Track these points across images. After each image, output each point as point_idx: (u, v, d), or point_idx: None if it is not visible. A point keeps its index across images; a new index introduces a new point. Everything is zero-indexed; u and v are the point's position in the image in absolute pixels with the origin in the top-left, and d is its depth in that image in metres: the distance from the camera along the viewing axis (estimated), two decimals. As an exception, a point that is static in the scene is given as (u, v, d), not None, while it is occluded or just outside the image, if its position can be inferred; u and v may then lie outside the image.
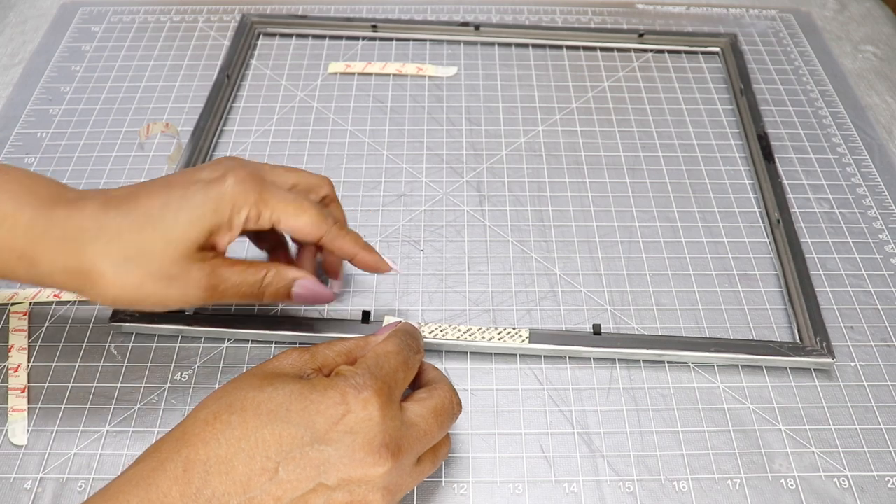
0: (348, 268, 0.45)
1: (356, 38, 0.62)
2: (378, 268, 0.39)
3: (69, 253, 0.32)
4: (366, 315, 0.42)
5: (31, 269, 0.32)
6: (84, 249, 0.32)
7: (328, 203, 0.39)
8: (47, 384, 0.40)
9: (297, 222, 0.35)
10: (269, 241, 0.41)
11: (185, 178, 0.34)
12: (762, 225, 0.48)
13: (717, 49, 0.61)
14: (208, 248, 0.34)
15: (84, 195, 0.33)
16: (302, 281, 0.36)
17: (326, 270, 0.42)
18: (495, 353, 0.41)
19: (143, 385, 0.40)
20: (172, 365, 0.40)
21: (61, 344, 0.41)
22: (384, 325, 0.38)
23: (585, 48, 0.61)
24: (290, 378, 0.31)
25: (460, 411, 0.34)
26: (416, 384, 0.35)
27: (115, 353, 0.41)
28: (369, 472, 0.29)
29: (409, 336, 0.34)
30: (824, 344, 0.41)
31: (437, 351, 0.41)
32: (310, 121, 0.55)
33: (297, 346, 0.39)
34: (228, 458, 0.28)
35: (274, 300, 0.36)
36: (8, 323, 0.42)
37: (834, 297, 0.45)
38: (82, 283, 0.32)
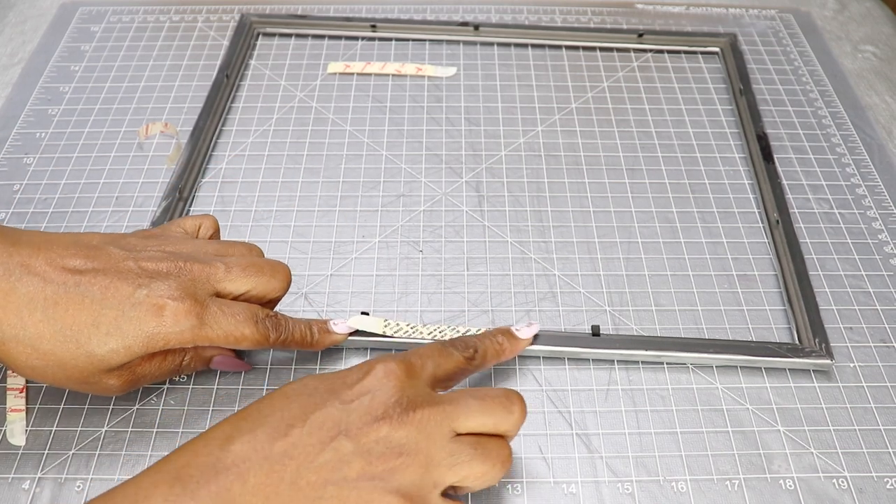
0: (338, 276, 0.45)
1: (355, 38, 0.61)
2: (332, 343, 0.39)
3: None
4: (364, 314, 0.42)
5: None
6: (2, 337, 0.31)
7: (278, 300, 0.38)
8: (45, 384, 0.40)
9: (236, 347, 0.35)
10: None
11: (123, 290, 0.33)
12: (761, 225, 0.48)
13: (716, 49, 0.61)
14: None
15: (16, 273, 0.32)
16: (218, 358, 0.38)
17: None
18: (494, 354, 0.41)
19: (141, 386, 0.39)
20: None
21: (60, 344, 0.41)
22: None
23: (585, 48, 0.61)
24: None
25: (520, 417, 0.32)
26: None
27: (114, 353, 0.41)
28: (384, 429, 0.29)
29: (459, 339, 0.36)
30: (823, 345, 0.41)
31: (435, 351, 0.41)
32: (309, 121, 0.55)
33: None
34: (252, 429, 0.29)
35: (192, 372, 0.39)
36: (6, 323, 0.42)
37: (833, 297, 0.45)
38: (1, 360, 0.32)
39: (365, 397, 0.30)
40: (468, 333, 0.40)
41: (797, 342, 0.42)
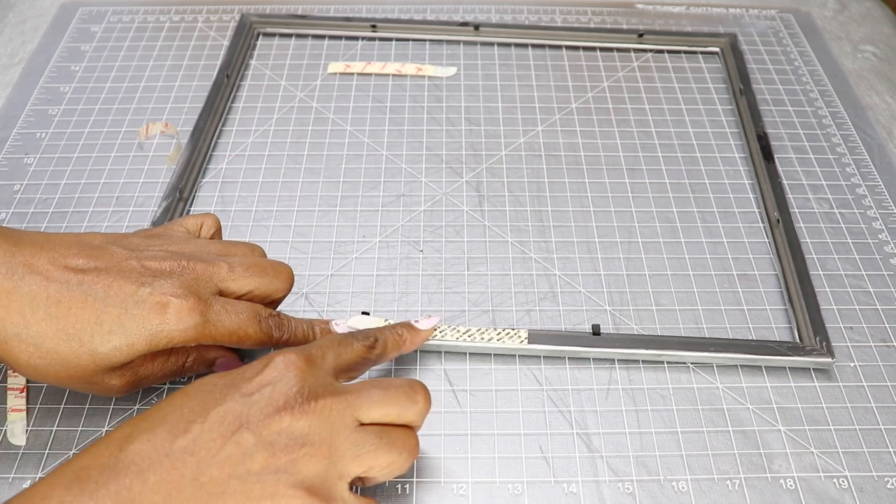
0: (339, 275, 0.45)
1: (356, 38, 0.61)
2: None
3: None
4: (365, 315, 0.42)
5: None
6: (5, 336, 0.31)
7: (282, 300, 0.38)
8: (46, 384, 0.40)
9: (239, 346, 0.35)
10: None
11: (127, 288, 0.33)
12: (761, 225, 0.48)
13: (716, 49, 0.61)
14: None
15: (18, 272, 0.32)
16: (221, 360, 0.38)
17: None
18: (494, 354, 0.41)
19: (141, 391, 0.39)
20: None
21: (60, 344, 0.41)
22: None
23: (585, 48, 0.61)
24: None
25: (424, 406, 0.32)
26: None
27: (115, 353, 0.41)
28: (286, 420, 0.29)
29: (360, 332, 0.35)
30: (824, 344, 0.41)
31: (436, 352, 0.41)
32: (309, 121, 0.55)
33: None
34: (151, 427, 0.28)
35: (194, 373, 0.38)
36: (7, 323, 0.42)
37: (833, 297, 0.45)
38: (2, 359, 0.32)
39: (265, 389, 0.29)
40: (468, 333, 0.40)
41: (798, 341, 0.42)
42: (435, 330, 0.40)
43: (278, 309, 0.38)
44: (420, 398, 0.32)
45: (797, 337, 0.42)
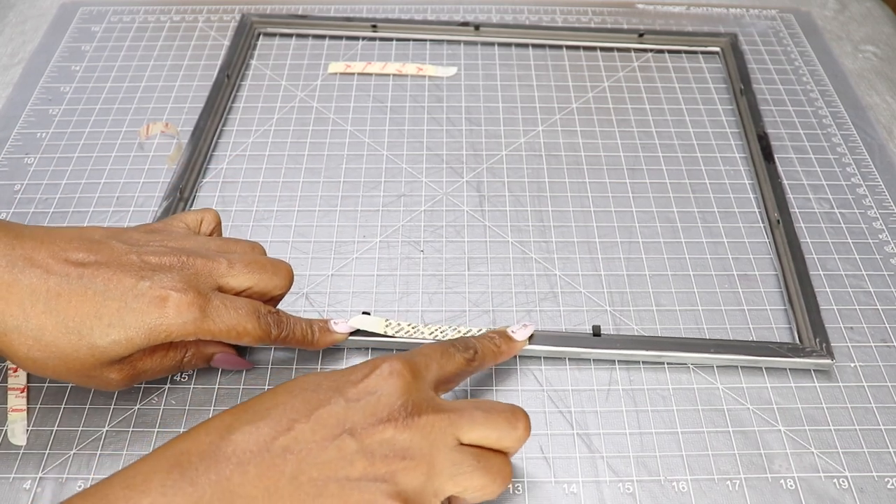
0: (339, 275, 0.45)
1: (356, 38, 0.61)
2: (333, 342, 0.39)
3: None
4: (366, 315, 0.42)
5: None
6: (4, 328, 0.31)
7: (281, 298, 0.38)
8: (46, 384, 0.40)
9: (237, 342, 0.35)
10: None
11: (126, 281, 0.33)
12: (762, 225, 0.48)
13: (717, 49, 0.61)
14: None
15: (19, 265, 0.32)
16: (220, 355, 0.38)
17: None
18: (495, 354, 0.41)
19: (142, 385, 0.40)
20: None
21: (61, 344, 0.41)
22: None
23: (585, 48, 0.61)
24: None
25: (524, 433, 0.32)
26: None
27: (115, 353, 0.41)
28: (388, 431, 0.29)
29: (458, 340, 0.36)
30: (824, 345, 0.41)
31: (436, 351, 0.41)
32: (310, 121, 0.55)
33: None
34: (253, 420, 0.28)
35: (194, 368, 0.38)
36: (8, 323, 0.42)
37: (833, 297, 0.45)
38: (2, 352, 0.32)
39: (371, 397, 0.30)
40: (469, 333, 0.40)
41: (798, 342, 0.42)
42: (532, 338, 0.40)
43: (278, 307, 0.38)
44: (521, 425, 0.32)
45: (797, 337, 0.42)
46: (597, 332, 0.41)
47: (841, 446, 0.38)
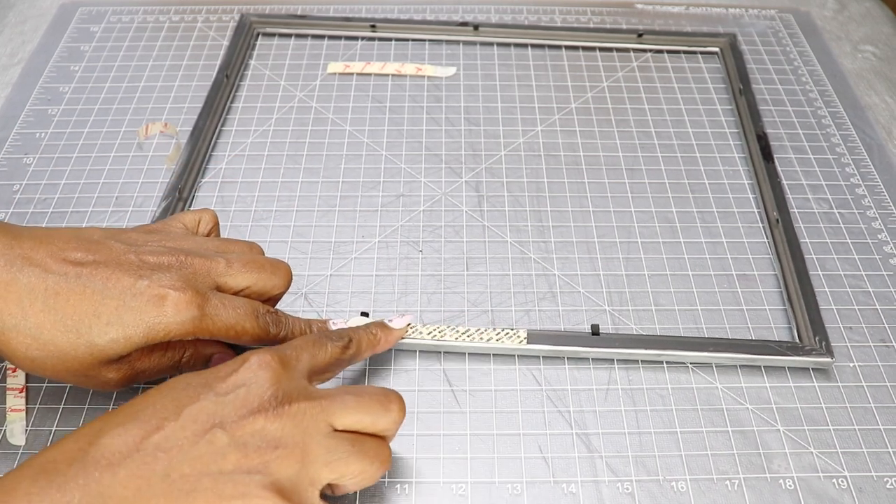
0: (338, 276, 0.45)
1: (355, 38, 0.61)
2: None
3: None
4: (364, 315, 0.42)
5: None
6: (2, 327, 0.31)
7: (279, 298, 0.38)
8: (46, 384, 0.40)
9: (236, 341, 0.35)
10: None
11: (125, 280, 0.32)
12: (761, 225, 0.48)
13: (716, 49, 0.61)
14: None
15: (17, 264, 0.32)
16: (217, 356, 0.37)
17: None
18: (494, 354, 0.41)
19: (141, 386, 0.39)
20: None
21: (60, 344, 0.41)
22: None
23: (584, 48, 0.61)
24: None
25: (398, 415, 0.32)
26: None
27: (114, 353, 0.41)
28: (259, 422, 0.29)
29: (334, 332, 0.35)
30: (823, 343, 0.41)
31: (435, 352, 0.41)
32: (308, 121, 0.55)
33: None
34: (123, 423, 0.28)
35: (192, 370, 0.37)
36: (6, 323, 0.42)
37: (833, 297, 0.45)
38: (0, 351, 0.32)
39: (240, 389, 0.29)
40: (468, 333, 0.40)
41: (797, 341, 0.42)
42: (409, 328, 0.40)
43: (276, 307, 0.38)
44: (395, 407, 0.32)
45: (797, 336, 0.42)
46: (595, 331, 0.41)
47: (840, 446, 0.38)
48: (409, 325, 0.40)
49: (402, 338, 0.40)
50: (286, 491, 0.28)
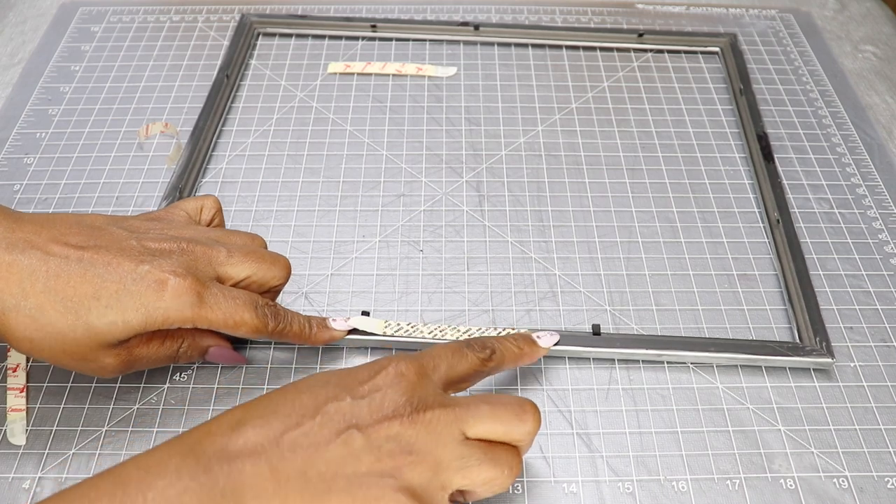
0: (339, 275, 0.45)
1: (356, 38, 0.61)
2: (331, 339, 0.39)
3: None
4: (365, 315, 0.42)
5: None
6: (3, 307, 0.32)
7: (278, 291, 0.39)
8: (46, 384, 0.40)
9: (234, 332, 0.35)
10: None
11: (126, 265, 0.33)
12: (761, 225, 0.48)
13: (716, 49, 0.61)
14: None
15: (17, 223, 0.33)
16: (214, 349, 0.38)
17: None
18: (494, 354, 0.41)
19: (141, 385, 0.40)
20: (171, 365, 0.40)
21: (60, 344, 0.41)
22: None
23: (585, 48, 0.61)
24: None
25: (533, 426, 0.32)
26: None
27: (114, 353, 0.41)
28: (395, 427, 0.29)
29: (477, 340, 0.35)
30: (824, 344, 0.41)
31: (436, 351, 0.41)
32: (309, 121, 0.55)
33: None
34: (263, 415, 0.29)
35: (189, 363, 0.39)
36: (7, 323, 0.42)
37: (833, 297, 0.45)
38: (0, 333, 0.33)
39: (376, 394, 0.30)
40: (468, 333, 0.40)
41: (798, 341, 0.42)
42: (553, 346, 0.40)
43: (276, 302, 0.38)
44: (529, 417, 0.31)
45: (797, 337, 0.42)
46: (596, 331, 0.41)
47: (841, 446, 0.38)
48: (555, 344, 0.40)
49: (546, 354, 0.40)
50: (417, 495, 0.28)
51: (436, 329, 0.41)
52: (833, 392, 0.40)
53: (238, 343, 0.40)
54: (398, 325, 0.41)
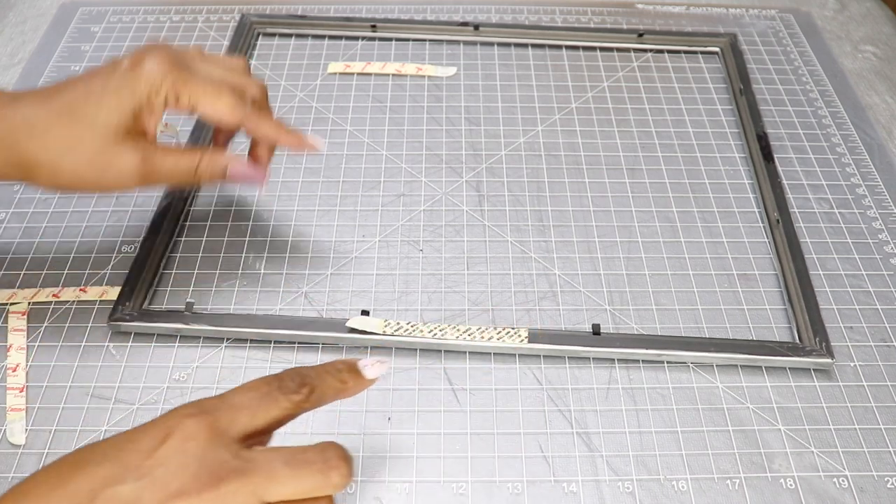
0: (338, 275, 0.45)
1: (355, 38, 0.61)
2: (301, 146, 0.40)
3: (9, 150, 0.35)
4: (365, 314, 0.42)
5: None
6: (20, 146, 0.35)
7: (260, 107, 0.40)
8: (46, 384, 0.40)
9: (213, 107, 0.37)
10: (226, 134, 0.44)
11: (106, 67, 0.36)
12: (761, 225, 0.48)
13: (716, 49, 0.61)
14: (137, 133, 0.37)
15: (15, 97, 0.36)
16: (235, 164, 0.39)
17: (254, 160, 0.42)
18: (494, 353, 0.41)
19: (141, 385, 0.40)
20: (171, 365, 0.40)
21: (60, 343, 0.41)
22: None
23: (585, 48, 0.61)
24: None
25: (341, 481, 0.28)
26: None
27: (114, 352, 0.41)
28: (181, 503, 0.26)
29: (291, 374, 0.30)
30: (824, 344, 0.41)
31: (436, 351, 0.41)
32: (309, 121, 0.55)
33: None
34: (47, 495, 0.26)
35: (210, 182, 0.40)
36: (6, 322, 0.42)
37: (833, 297, 0.45)
38: (26, 174, 0.36)
39: (160, 469, 0.26)
40: (468, 333, 0.40)
41: (798, 341, 0.42)
42: (381, 376, 0.33)
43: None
44: (335, 473, 0.28)
45: (797, 337, 0.42)
46: (596, 331, 0.41)
47: (841, 446, 0.38)
48: (381, 376, 0.33)
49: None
50: None
51: (436, 328, 0.41)
52: (833, 392, 0.40)
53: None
54: (398, 324, 0.41)
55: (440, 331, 0.41)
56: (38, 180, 0.36)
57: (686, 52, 0.61)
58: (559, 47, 0.61)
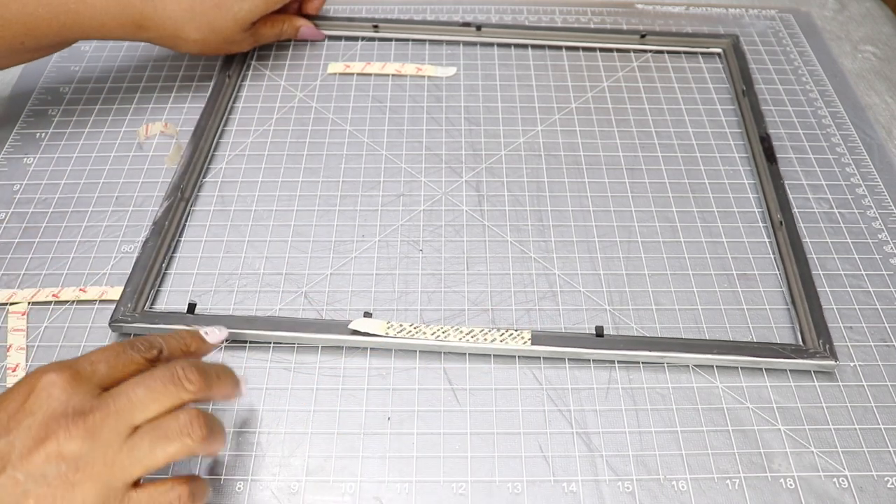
0: (338, 275, 0.45)
1: (355, 39, 0.61)
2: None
3: (171, 27, 0.50)
4: (367, 315, 0.42)
5: (141, 33, 0.50)
6: (179, 25, 0.50)
7: None
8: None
9: None
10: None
11: None
12: (761, 225, 0.48)
13: (718, 50, 0.61)
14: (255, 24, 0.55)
15: None
16: (304, 27, 0.59)
17: (307, 8, 0.60)
18: (495, 354, 0.41)
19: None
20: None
21: (60, 344, 0.41)
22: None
23: (585, 49, 0.61)
24: None
25: (193, 386, 0.31)
26: None
27: (114, 352, 0.41)
28: (52, 447, 0.27)
29: (141, 339, 0.33)
30: (827, 346, 0.41)
31: (436, 352, 0.41)
32: (309, 121, 0.55)
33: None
34: None
35: (290, 38, 0.60)
36: (6, 322, 0.42)
37: (833, 297, 0.45)
38: (176, 44, 0.52)
39: (29, 419, 0.28)
40: (470, 333, 0.40)
41: (800, 343, 0.42)
42: (223, 343, 0.38)
43: None
44: (183, 376, 0.31)
45: (799, 339, 0.42)
46: (600, 333, 0.41)
47: (841, 446, 0.38)
48: (223, 341, 0.38)
49: (217, 348, 0.39)
50: None
51: (438, 330, 0.41)
52: (833, 391, 0.40)
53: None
54: (400, 325, 0.41)
55: (442, 332, 0.41)
56: (183, 48, 0.53)
57: (686, 52, 0.61)
58: (559, 48, 0.61)
